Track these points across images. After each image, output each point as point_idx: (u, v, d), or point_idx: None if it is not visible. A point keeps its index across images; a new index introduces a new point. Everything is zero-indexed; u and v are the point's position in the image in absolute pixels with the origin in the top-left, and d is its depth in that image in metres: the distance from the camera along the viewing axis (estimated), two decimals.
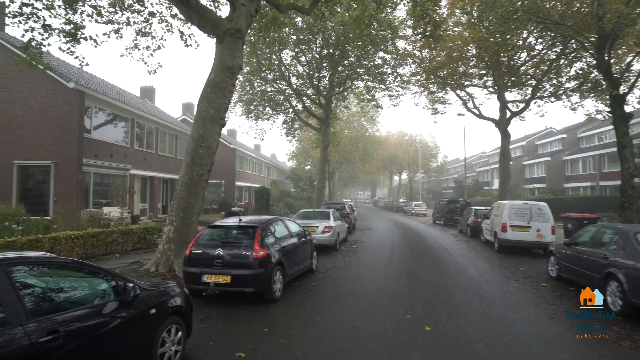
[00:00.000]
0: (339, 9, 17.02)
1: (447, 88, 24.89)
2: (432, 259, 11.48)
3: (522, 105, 23.50)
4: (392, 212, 45.51)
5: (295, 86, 25.66)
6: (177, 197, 8.83)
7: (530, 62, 21.31)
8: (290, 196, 36.96)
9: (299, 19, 20.29)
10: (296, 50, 23.48)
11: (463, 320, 5.71)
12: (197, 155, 9.00)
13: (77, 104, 15.42)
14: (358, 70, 24.10)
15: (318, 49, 22.88)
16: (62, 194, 14.89)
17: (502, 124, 23.83)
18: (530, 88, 22.25)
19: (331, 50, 22.25)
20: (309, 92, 26.60)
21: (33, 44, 10.47)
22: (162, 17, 13.19)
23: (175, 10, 12.64)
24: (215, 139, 9.48)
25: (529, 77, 21.97)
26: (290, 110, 27.87)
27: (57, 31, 10.81)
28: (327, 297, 7.16)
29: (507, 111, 23.90)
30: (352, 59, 22.91)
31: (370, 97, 25.59)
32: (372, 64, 23.33)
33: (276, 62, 23.96)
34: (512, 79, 21.57)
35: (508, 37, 17.94)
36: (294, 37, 22.06)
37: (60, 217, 12.18)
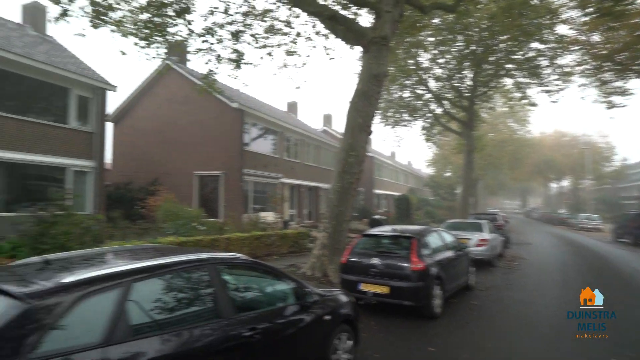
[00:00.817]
0: (484, 0, 15.61)
1: (629, 75, 20.23)
2: (625, 285, 9.26)
3: None
4: (551, 225, 39.33)
5: (434, 90, 24.56)
6: (330, 205, 9.16)
7: None
8: (430, 204, 35.40)
9: (435, 20, 19.34)
10: (434, 52, 22.43)
11: None
12: (347, 164, 9.19)
13: (239, 121, 17.74)
14: (506, 66, 21.63)
15: (459, 48, 21.40)
16: (228, 200, 17.25)
17: None
18: None
19: (474, 48, 20.53)
20: (449, 95, 25.12)
21: (208, 73, 12.48)
22: (307, 36, 14.16)
23: (319, 28, 13.35)
24: (363, 147, 9.57)
25: None
26: (430, 115, 26.76)
27: (225, 60, 12.62)
28: (495, 319, 6.34)
29: None
30: (498, 54, 20.70)
31: (522, 95, 22.72)
32: (523, 57, 20.64)
33: (413, 67, 23.32)
34: None
35: None
36: (432, 38, 21.12)
37: (230, 220, 14.05)
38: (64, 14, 8.34)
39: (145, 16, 10.69)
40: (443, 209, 34.10)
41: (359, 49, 10.26)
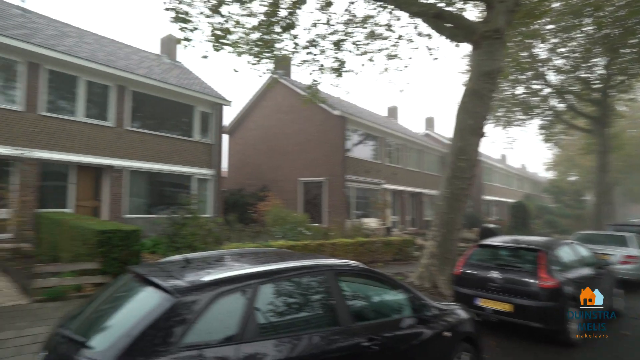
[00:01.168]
0: None
1: None
2: None
3: None
4: None
5: (554, 83, 21.76)
6: (438, 212, 8.68)
7: None
8: (551, 213, 31.31)
9: (556, 4, 17.07)
10: (554, 41, 19.85)
11: None
12: (456, 169, 8.62)
13: (340, 128, 18.06)
14: None
15: (588, 33, 18.57)
16: (331, 206, 17.64)
17: None
18: None
19: (607, 31, 17.59)
20: (574, 87, 21.99)
21: (312, 83, 12.94)
22: (409, 39, 13.73)
23: (421, 28, 12.91)
24: (474, 150, 8.90)
25: None
26: (549, 112, 23.79)
27: (328, 70, 12.96)
28: None
29: None
30: None
31: None
32: None
33: (527, 60, 20.95)
34: None
35: None
36: (551, 26, 18.72)
37: (334, 225, 14.32)
38: (186, 39, 9.43)
39: (256, 35, 11.58)
40: (568, 218, 29.84)
41: (466, 46, 9.58)
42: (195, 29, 9.79)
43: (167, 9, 8.99)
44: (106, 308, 2.69)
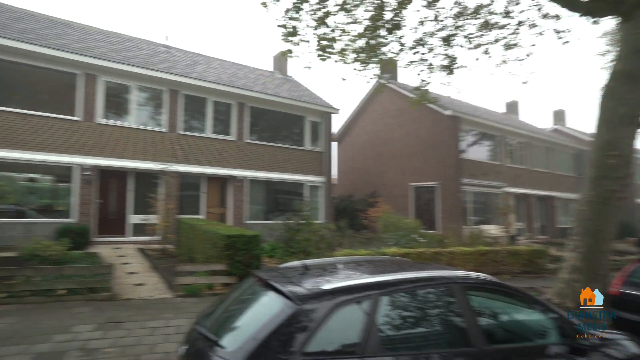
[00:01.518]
0: None
1: None
2: None
3: None
4: None
5: None
6: (581, 219, 7.39)
7: None
8: None
9: None
10: None
11: None
12: (604, 167, 7.24)
13: (453, 128, 16.91)
14: None
15: None
16: (445, 211, 16.58)
17: None
18: None
19: None
20: None
21: (421, 84, 12.34)
22: (531, 23, 12.15)
23: (546, 9, 11.23)
24: (629, 144, 7.40)
25: None
26: None
27: (437, 68, 12.23)
28: None
29: None
30: None
31: None
32: None
33: None
34: None
35: None
36: None
37: (449, 232, 13.41)
38: (289, 51, 9.81)
39: (361, 42, 11.56)
40: None
41: (605, 24, 8.04)
42: (302, 41, 10.21)
43: (279, 26, 9.54)
44: (234, 309, 2.83)
